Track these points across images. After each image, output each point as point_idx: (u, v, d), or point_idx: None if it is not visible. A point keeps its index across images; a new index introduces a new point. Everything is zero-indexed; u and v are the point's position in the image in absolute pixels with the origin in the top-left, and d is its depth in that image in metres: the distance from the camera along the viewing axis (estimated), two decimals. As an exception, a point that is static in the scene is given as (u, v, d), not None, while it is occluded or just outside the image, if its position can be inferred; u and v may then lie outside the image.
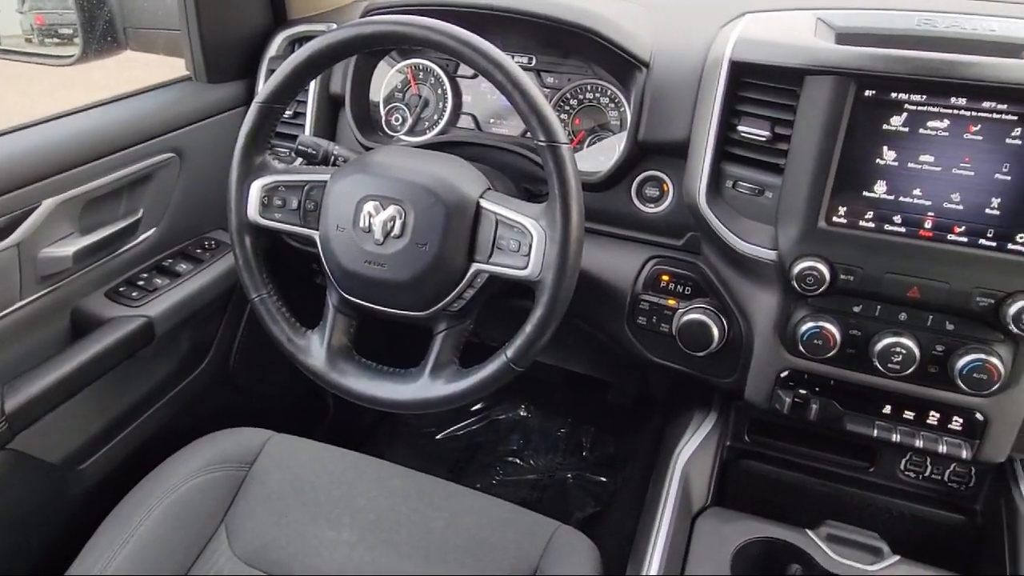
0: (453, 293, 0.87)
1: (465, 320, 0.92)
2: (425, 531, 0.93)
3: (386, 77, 1.19)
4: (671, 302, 1.02)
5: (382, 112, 1.19)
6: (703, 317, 0.97)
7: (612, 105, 1.09)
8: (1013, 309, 0.80)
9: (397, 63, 1.19)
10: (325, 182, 0.91)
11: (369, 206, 0.87)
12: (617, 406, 1.76)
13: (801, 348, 0.89)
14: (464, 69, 1.16)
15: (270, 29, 1.25)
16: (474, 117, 1.17)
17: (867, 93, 0.82)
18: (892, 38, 0.90)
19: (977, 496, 1.00)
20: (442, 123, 1.17)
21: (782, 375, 0.94)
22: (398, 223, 0.86)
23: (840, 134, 0.83)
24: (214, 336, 1.29)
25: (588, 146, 1.11)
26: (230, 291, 1.25)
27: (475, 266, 0.86)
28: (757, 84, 0.89)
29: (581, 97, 1.11)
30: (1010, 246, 0.80)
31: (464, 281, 0.86)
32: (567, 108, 1.11)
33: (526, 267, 0.83)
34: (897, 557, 0.85)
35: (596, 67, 1.08)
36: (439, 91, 1.17)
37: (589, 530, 0.95)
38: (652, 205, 1.04)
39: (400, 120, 1.19)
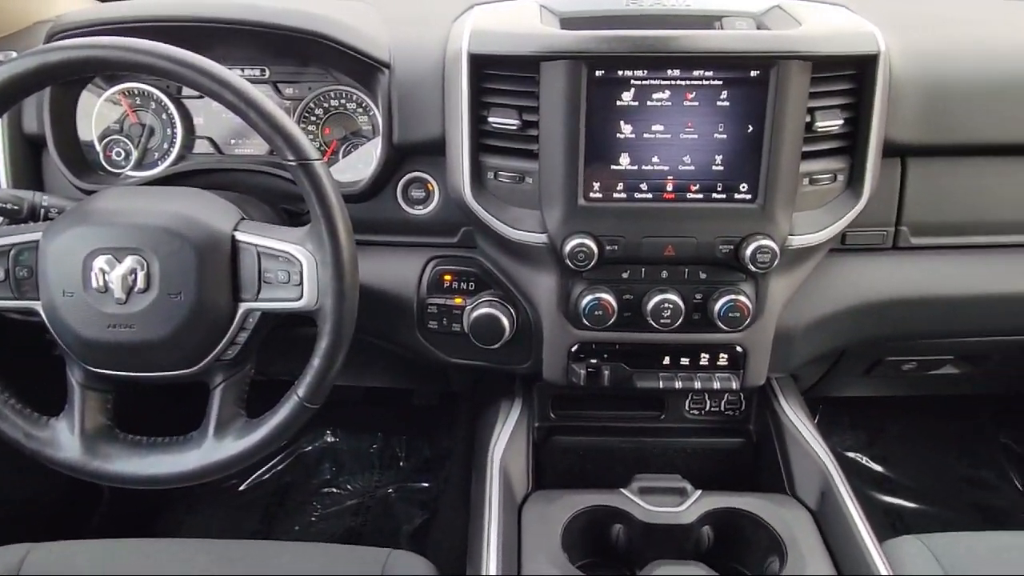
0: (224, 341, 0.78)
1: (244, 366, 0.83)
2: (243, 606, 0.84)
3: (95, 108, 1.04)
4: (458, 300, 1.01)
5: (99, 148, 1.04)
6: (492, 310, 0.98)
7: (360, 110, 1.05)
8: (748, 251, 0.90)
9: (104, 90, 1.04)
10: (37, 241, 0.77)
11: (100, 262, 0.75)
12: (424, 408, 1.74)
13: (585, 321, 0.94)
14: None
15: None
16: (212, 140, 1.06)
17: (598, 73, 0.87)
18: (610, 19, 0.97)
19: (749, 418, 1.14)
20: (174, 152, 1.05)
21: (573, 349, 0.99)
22: (140, 275, 0.75)
23: (581, 114, 0.87)
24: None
25: (343, 156, 1.06)
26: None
27: (243, 306, 0.78)
28: (499, 75, 0.90)
29: (326, 105, 1.05)
30: (736, 196, 0.91)
31: (234, 325, 0.78)
32: (313, 119, 1.05)
33: (300, 297, 0.77)
34: (699, 492, 0.93)
35: (337, 73, 1.03)
36: (164, 116, 1.05)
37: (422, 541, 0.93)
38: (420, 207, 1.02)
39: (123, 155, 1.04)
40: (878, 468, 1.78)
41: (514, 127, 0.90)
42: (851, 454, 1.81)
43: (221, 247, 0.77)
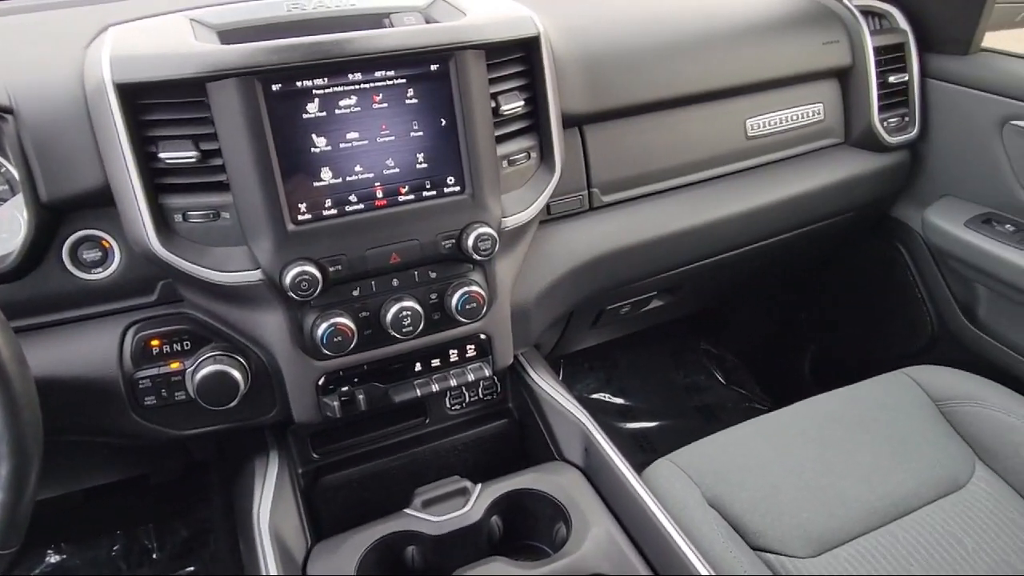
0: None
1: None
2: None
3: None
4: (175, 365, 0.88)
5: None
6: (219, 366, 0.87)
7: (-14, 169, 0.85)
8: (470, 241, 0.91)
9: None
10: None
11: None
12: (166, 486, 1.52)
13: (326, 351, 0.88)
14: None
15: None
16: None
17: (275, 87, 0.80)
18: (274, 27, 0.89)
19: (507, 397, 1.17)
20: None
21: (320, 383, 0.92)
22: None
23: (267, 134, 0.80)
24: None
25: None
26: None
27: None
28: (158, 103, 0.79)
29: (-68, 170, 0.83)
30: (446, 190, 0.91)
31: None
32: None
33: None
34: (479, 486, 0.93)
35: None
36: None
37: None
38: (99, 269, 0.86)
39: None
40: (619, 400, 1.99)
41: (192, 159, 0.80)
42: (595, 395, 2.00)
43: None
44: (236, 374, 0.87)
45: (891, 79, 1.32)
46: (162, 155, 0.79)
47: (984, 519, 1.01)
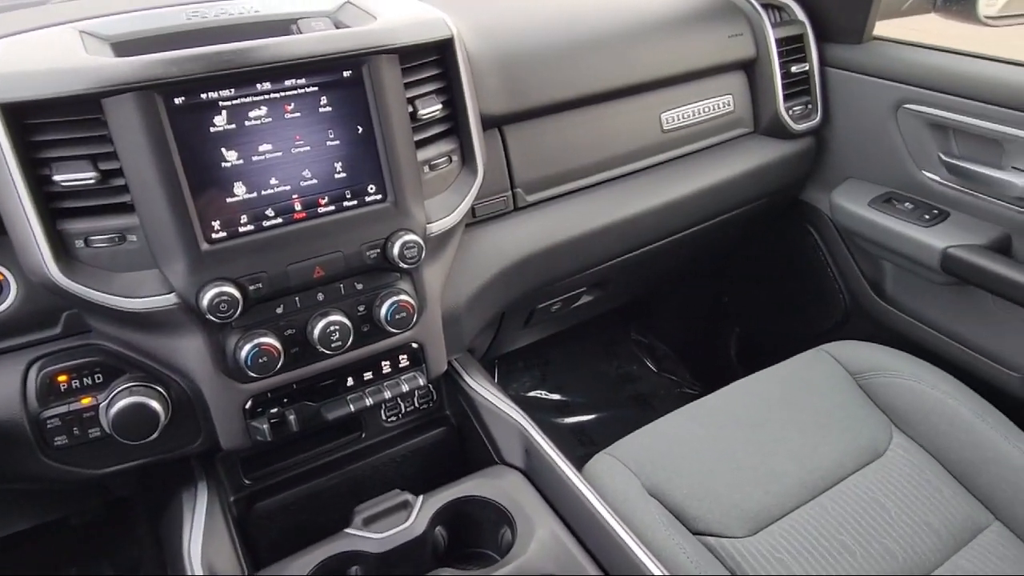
0: None
1: None
2: None
3: None
4: (86, 401, 0.83)
5: None
6: (136, 398, 0.82)
7: None
8: (395, 249, 0.89)
9: None
10: None
11: None
12: (88, 526, 1.43)
13: (251, 373, 0.84)
14: None
15: None
16: None
17: (177, 101, 0.76)
18: (173, 37, 0.85)
19: (443, 404, 1.16)
20: None
21: (247, 407, 0.88)
22: None
23: (173, 150, 0.76)
24: None
25: None
26: None
27: None
28: (49, 123, 0.74)
29: None
30: (368, 199, 0.89)
31: None
32: None
33: None
34: (421, 497, 0.92)
35: None
36: None
37: None
38: (-9, 304, 0.80)
39: None
40: (556, 396, 2.00)
41: (91, 181, 0.75)
42: (532, 393, 2.00)
43: None
44: (155, 405, 0.82)
45: (793, 69, 1.38)
46: (56, 177, 0.74)
47: (903, 483, 1.06)
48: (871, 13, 1.33)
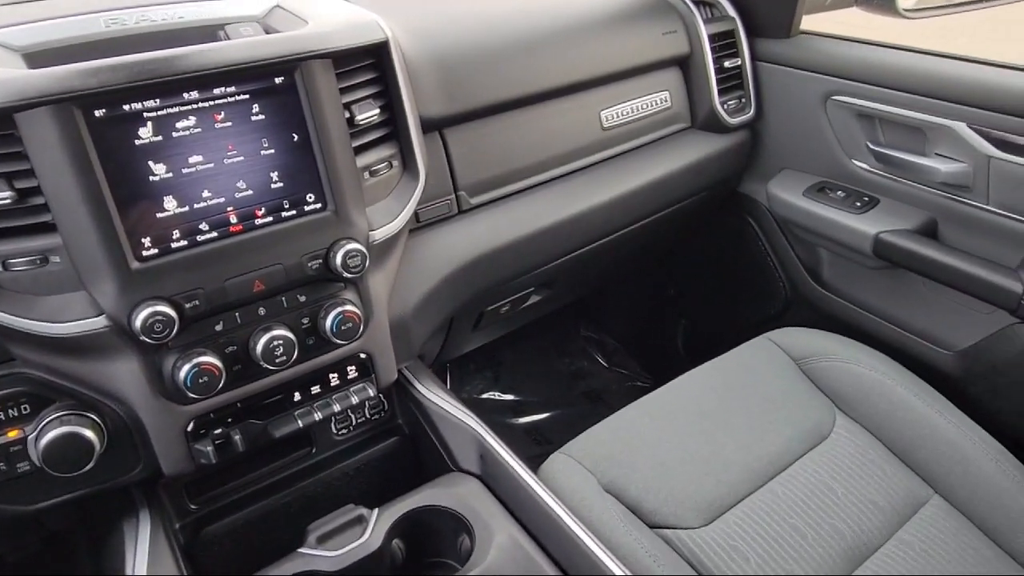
0: None
1: None
2: None
3: None
4: (12, 433, 0.78)
5: None
6: (68, 428, 0.77)
7: None
8: (338, 259, 0.87)
9: None
10: None
11: None
12: (25, 562, 1.36)
13: (191, 394, 0.81)
14: None
15: None
16: None
17: (97, 113, 0.72)
18: (90, 46, 0.81)
19: (395, 414, 1.14)
20: None
21: (189, 429, 0.85)
22: None
23: (96, 165, 0.72)
24: None
25: None
26: None
27: None
28: (-44, 141, 0.69)
29: None
30: (307, 208, 0.86)
31: None
32: None
33: None
34: (376, 510, 0.90)
35: None
36: None
37: None
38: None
39: None
40: (509, 397, 2.00)
41: (7, 201, 0.71)
42: (485, 395, 2.00)
43: None
44: (89, 434, 0.78)
45: (726, 64, 1.40)
46: (-32, 199, 0.69)
47: (849, 464, 1.10)
48: (797, 8, 1.37)
